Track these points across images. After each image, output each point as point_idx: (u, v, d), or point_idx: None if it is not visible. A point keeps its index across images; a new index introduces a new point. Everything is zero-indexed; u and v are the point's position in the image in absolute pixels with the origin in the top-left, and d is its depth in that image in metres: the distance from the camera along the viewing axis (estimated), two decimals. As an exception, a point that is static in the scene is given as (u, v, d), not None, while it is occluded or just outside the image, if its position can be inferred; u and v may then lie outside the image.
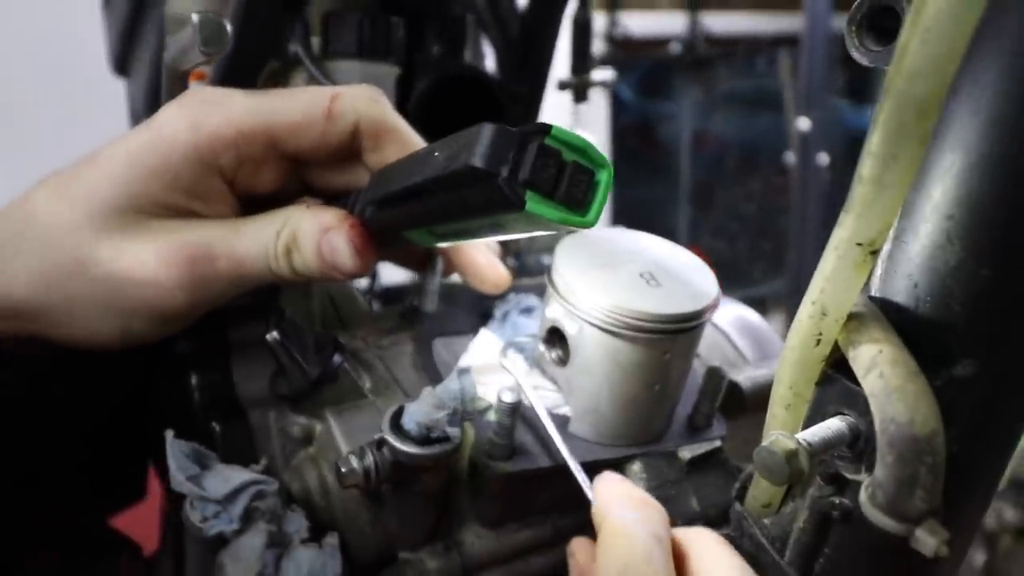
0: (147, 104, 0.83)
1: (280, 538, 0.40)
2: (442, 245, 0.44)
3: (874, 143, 0.24)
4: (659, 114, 4.55)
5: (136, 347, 0.46)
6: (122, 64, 0.94)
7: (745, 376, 0.56)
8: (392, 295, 0.85)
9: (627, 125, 3.88)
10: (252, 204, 0.47)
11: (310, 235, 0.43)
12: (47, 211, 0.42)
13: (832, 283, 0.29)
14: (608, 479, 0.40)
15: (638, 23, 3.56)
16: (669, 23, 3.85)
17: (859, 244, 0.27)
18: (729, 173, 4.74)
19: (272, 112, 0.43)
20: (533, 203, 0.30)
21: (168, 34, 0.54)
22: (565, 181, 0.31)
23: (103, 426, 0.59)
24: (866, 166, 0.25)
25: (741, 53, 4.12)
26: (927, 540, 0.26)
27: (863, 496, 0.28)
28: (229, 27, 0.44)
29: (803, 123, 2.69)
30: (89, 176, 0.42)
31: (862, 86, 5.05)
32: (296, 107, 0.43)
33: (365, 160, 0.46)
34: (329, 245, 0.43)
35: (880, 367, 0.28)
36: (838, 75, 4.39)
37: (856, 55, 0.33)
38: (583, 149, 0.31)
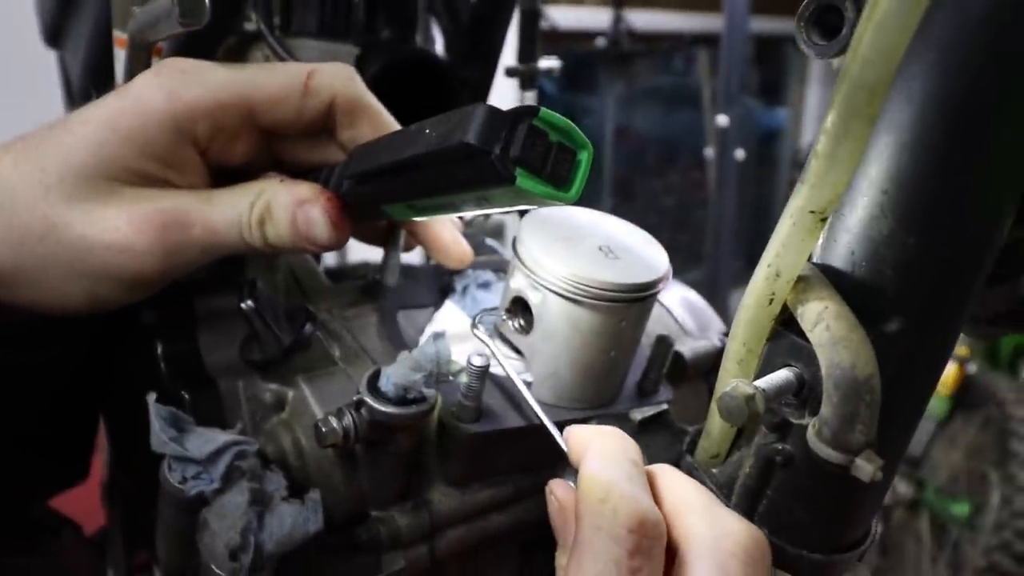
0: (87, 76, 0.80)
1: (262, 496, 0.41)
2: (419, 219, 0.46)
3: (829, 122, 0.28)
4: (582, 108, 4.63)
5: (100, 313, 0.46)
6: (55, 36, 0.91)
7: (687, 347, 0.60)
8: (335, 275, 0.86)
9: (552, 118, 3.89)
10: (223, 176, 0.47)
11: (285, 207, 0.44)
12: (15, 175, 0.42)
13: (786, 247, 0.33)
14: (578, 427, 0.42)
15: (564, 16, 3.61)
16: (595, 18, 3.92)
17: (812, 212, 0.31)
18: (649, 167, 4.87)
19: (250, 84, 0.44)
20: (523, 179, 0.33)
21: (133, 5, 0.53)
22: (551, 159, 0.34)
23: (54, 401, 0.58)
24: (821, 142, 0.29)
25: (662, 50, 4.23)
26: (866, 467, 0.30)
27: (810, 433, 0.32)
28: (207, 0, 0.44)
29: (722, 119, 2.80)
30: (61, 140, 0.42)
31: (772, 88, 5.27)
32: (274, 81, 0.44)
33: (338, 136, 0.48)
34: (304, 217, 0.44)
35: (826, 321, 0.32)
36: (752, 76, 4.58)
37: (804, 48, 0.37)
38: (567, 130, 0.34)
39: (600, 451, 0.37)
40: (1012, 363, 2.79)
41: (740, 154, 2.96)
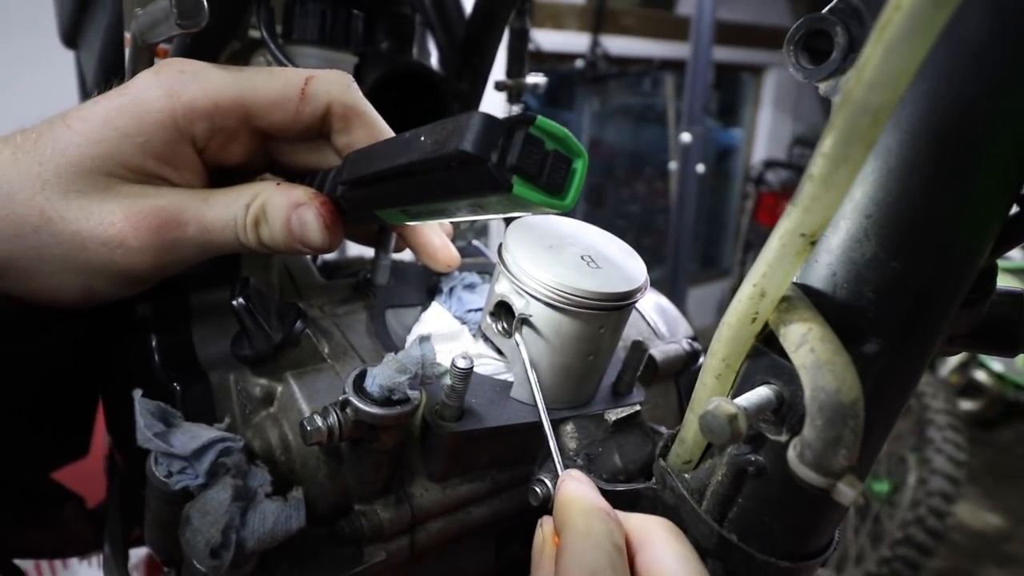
0: (100, 77, 0.75)
1: (245, 492, 0.37)
2: (411, 224, 0.42)
3: (827, 145, 0.24)
4: (561, 122, 4.57)
5: (94, 307, 0.42)
6: (72, 37, 0.85)
7: (658, 350, 0.57)
8: (331, 270, 0.82)
9: (534, 130, 3.87)
10: (220, 176, 0.43)
11: (280, 209, 0.40)
12: (13, 168, 0.38)
13: (773, 268, 0.29)
14: (573, 477, 0.38)
15: (548, 39, 3.57)
16: (575, 41, 3.89)
17: (803, 235, 0.27)
18: (618, 177, 4.85)
19: (249, 87, 0.40)
20: (519, 186, 0.29)
21: (136, 6, 0.49)
22: (547, 167, 0.30)
23: (50, 382, 0.54)
24: (817, 166, 0.25)
25: (633, 73, 4.20)
26: (847, 492, 0.27)
27: (792, 454, 0.28)
28: (205, 3, 0.40)
29: (685, 136, 2.77)
30: (60, 135, 0.38)
31: (729, 110, 5.28)
32: (273, 85, 0.40)
33: (333, 141, 0.44)
34: (299, 220, 0.40)
35: (810, 343, 0.28)
36: (712, 99, 4.57)
37: (792, 71, 0.33)
38: (563, 139, 0.30)
39: (585, 529, 0.33)
40: (931, 360, 2.81)
41: (701, 168, 2.94)
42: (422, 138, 0.32)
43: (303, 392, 0.43)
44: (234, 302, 0.42)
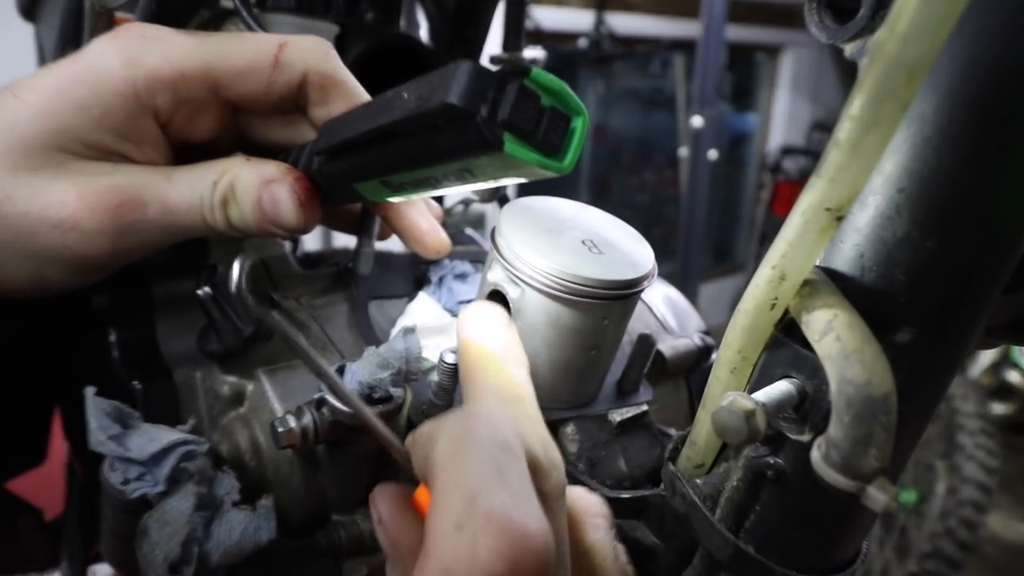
0: (59, 48, 0.74)
1: (210, 500, 0.36)
2: (395, 199, 0.41)
3: (855, 106, 0.23)
4: (563, 107, 4.58)
5: (47, 297, 0.40)
6: (30, 8, 0.84)
7: (668, 346, 0.56)
8: (313, 261, 0.81)
9: (534, 115, 3.87)
10: (184, 153, 0.42)
11: (250, 186, 0.39)
12: None
13: (795, 248, 0.28)
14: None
15: (548, 16, 3.55)
16: (577, 19, 3.87)
17: (828, 209, 0.26)
18: (625, 165, 4.85)
19: (217, 54, 0.39)
20: (511, 145, 0.28)
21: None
22: (543, 125, 0.29)
23: (1, 382, 0.53)
24: (844, 130, 0.24)
25: (641, 53, 4.19)
26: (879, 496, 0.25)
27: (815, 455, 0.27)
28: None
29: (697, 121, 2.76)
30: (7, 108, 0.37)
31: (743, 94, 5.27)
32: (243, 51, 0.39)
33: (310, 114, 0.42)
34: (271, 197, 0.39)
35: (836, 331, 0.27)
36: (725, 81, 4.56)
37: (815, 31, 0.32)
38: (561, 94, 0.29)
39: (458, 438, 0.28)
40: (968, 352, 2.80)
41: (713, 154, 2.93)
42: (404, 95, 0.31)
43: (276, 390, 0.42)
44: (200, 291, 0.41)
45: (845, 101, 0.24)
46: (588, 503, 0.37)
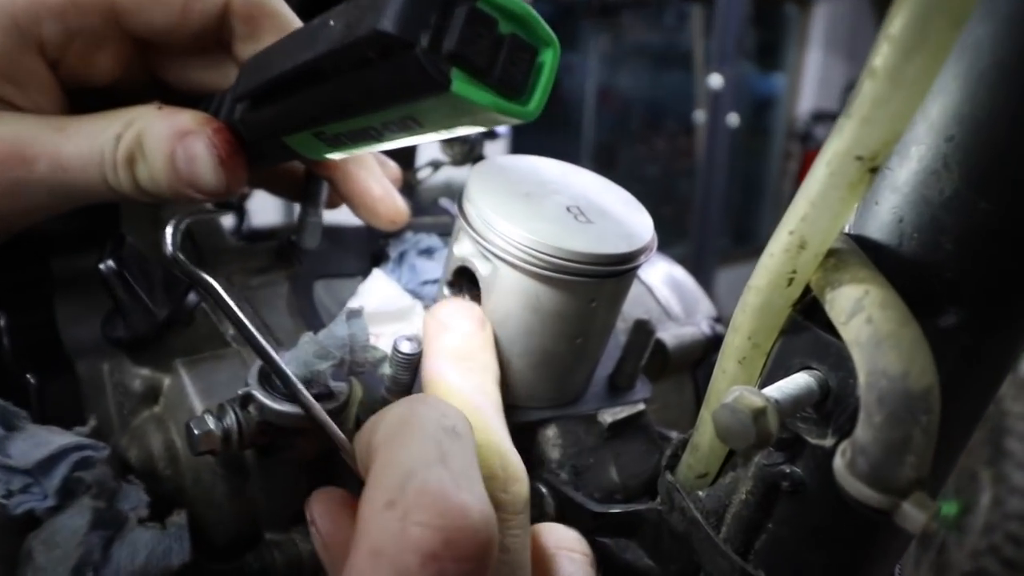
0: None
1: (111, 517, 0.34)
2: (334, 156, 0.38)
3: (896, 25, 0.21)
4: (562, 65, 4.55)
5: None
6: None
7: (670, 334, 0.54)
8: (263, 238, 0.79)
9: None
10: (83, 100, 0.40)
11: (161, 140, 0.37)
12: None
13: (818, 208, 0.26)
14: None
15: (546, -40, 3.51)
16: (579, -35, 3.83)
17: (859, 157, 0.24)
18: (633, 132, 4.83)
19: None
20: (460, 83, 0.25)
21: None
22: (501, 58, 0.27)
23: None
24: (881, 54, 0.21)
25: (653, 3, 4.16)
26: (915, 515, 0.23)
27: (839, 464, 0.25)
28: None
29: (715, 80, 2.74)
30: None
31: (769, 52, 5.25)
32: None
33: (236, 52, 0.41)
34: (185, 153, 0.37)
35: (867, 311, 0.25)
36: (749, 37, 4.54)
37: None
38: (525, 19, 0.27)
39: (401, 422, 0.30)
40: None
41: (733, 119, 2.91)
42: (331, 22, 0.28)
43: (196, 385, 0.41)
44: (102, 266, 0.39)
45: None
46: (564, 535, 0.37)
